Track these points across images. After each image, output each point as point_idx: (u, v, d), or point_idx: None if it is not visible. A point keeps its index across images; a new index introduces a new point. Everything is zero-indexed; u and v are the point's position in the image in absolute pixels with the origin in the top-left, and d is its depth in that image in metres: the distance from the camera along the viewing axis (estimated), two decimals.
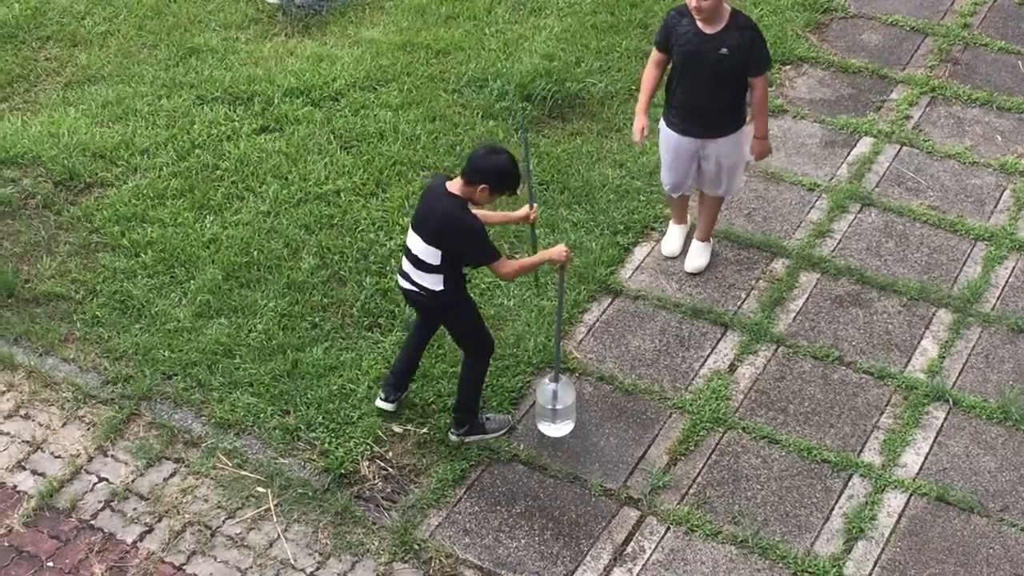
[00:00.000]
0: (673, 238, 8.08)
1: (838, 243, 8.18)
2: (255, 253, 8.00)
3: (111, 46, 10.03)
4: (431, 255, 6.28)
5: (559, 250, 6.47)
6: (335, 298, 7.72)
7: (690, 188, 7.86)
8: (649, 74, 7.55)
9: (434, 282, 6.37)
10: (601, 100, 9.34)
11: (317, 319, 7.58)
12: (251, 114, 9.15)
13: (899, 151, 8.93)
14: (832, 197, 8.51)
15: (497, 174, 6.16)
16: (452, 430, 6.86)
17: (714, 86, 7.32)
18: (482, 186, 6.16)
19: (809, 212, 8.42)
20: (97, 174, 8.61)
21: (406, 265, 6.44)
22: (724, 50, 7.19)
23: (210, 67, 9.68)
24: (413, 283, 6.45)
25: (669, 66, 7.50)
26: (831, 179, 8.69)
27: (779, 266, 8.02)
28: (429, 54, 9.82)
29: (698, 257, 7.99)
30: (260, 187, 8.51)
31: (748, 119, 7.58)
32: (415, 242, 6.31)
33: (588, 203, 8.38)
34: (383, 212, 8.30)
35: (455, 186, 6.23)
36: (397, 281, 6.67)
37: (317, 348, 7.37)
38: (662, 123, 7.66)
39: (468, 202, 6.23)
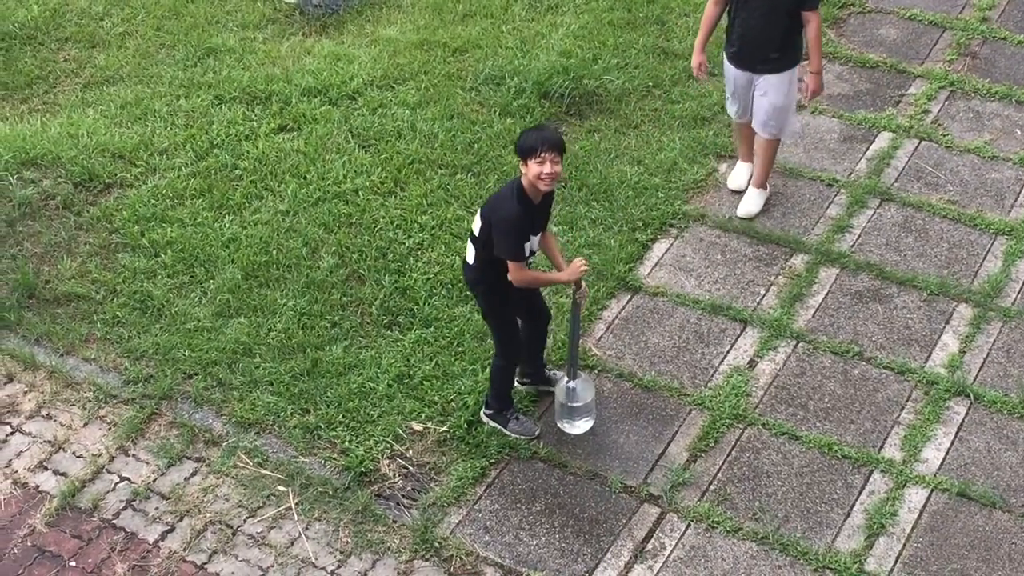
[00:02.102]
0: (740, 173, 8.34)
1: (857, 238, 8.15)
2: (274, 252, 8.02)
3: (129, 47, 10.06)
4: (477, 226, 6.36)
5: (575, 268, 6.47)
6: (354, 297, 7.73)
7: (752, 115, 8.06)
8: (708, 12, 7.84)
9: (471, 253, 6.47)
10: (619, 97, 9.33)
11: (336, 318, 7.59)
12: (269, 114, 9.17)
13: (918, 146, 8.90)
14: (851, 192, 8.48)
15: (519, 144, 6.21)
16: (484, 408, 6.94)
17: (767, 19, 7.54)
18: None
19: (828, 207, 8.39)
20: (116, 175, 8.64)
21: None
22: None
23: (228, 67, 9.70)
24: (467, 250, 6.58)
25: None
26: (850, 174, 8.67)
27: (798, 262, 8.00)
28: (446, 52, 9.82)
29: (751, 203, 8.24)
30: (279, 186, 8.53)
31: (802, 61, 7.78)
32: (480, 210, 6.42)
33: (606, 200, 8.38)
34: (401, 211, 8.31)
35: None
36: None
37: (336, 347, 7.38)
38: (724, 56, 7.95)
39: (523, 186, 6.23)
